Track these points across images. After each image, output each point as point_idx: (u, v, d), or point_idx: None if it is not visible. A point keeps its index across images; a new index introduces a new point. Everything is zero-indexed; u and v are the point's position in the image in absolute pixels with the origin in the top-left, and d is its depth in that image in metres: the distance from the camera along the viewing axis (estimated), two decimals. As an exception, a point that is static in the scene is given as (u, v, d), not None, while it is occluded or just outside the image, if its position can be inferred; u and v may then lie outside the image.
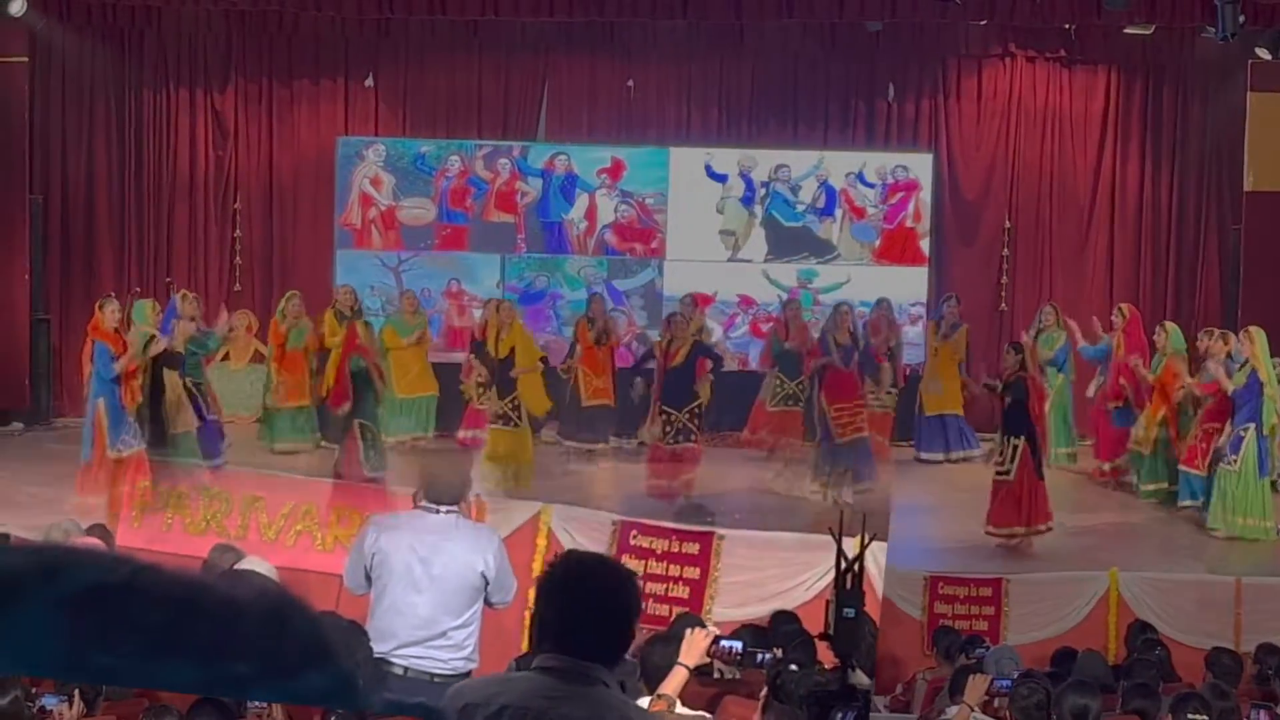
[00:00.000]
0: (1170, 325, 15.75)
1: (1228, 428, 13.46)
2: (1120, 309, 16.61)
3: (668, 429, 14.43)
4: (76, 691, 7.06)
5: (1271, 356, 15.85)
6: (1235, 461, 13.18)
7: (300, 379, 16.79)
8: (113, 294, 14.73)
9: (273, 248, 19.38)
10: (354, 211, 18.73)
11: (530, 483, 14.60)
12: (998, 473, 13.25)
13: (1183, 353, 14.98)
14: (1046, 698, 7.05)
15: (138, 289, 18.49)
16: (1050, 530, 13.24)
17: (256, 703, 7.25)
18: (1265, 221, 17.72)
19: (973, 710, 7.11)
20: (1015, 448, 13.11)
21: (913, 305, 18.58)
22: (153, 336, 13.57)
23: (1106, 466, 15.93)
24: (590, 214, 18.78)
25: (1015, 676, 7.62)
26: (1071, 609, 11.38)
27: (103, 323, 13.44)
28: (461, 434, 15.86)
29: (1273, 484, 14.49)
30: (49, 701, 7.05)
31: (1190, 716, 6.95)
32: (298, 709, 7.77)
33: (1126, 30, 18.15)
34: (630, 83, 19.19)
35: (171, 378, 13.79)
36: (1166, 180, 19.24)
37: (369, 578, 6.90)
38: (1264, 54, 18.05)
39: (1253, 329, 13.70)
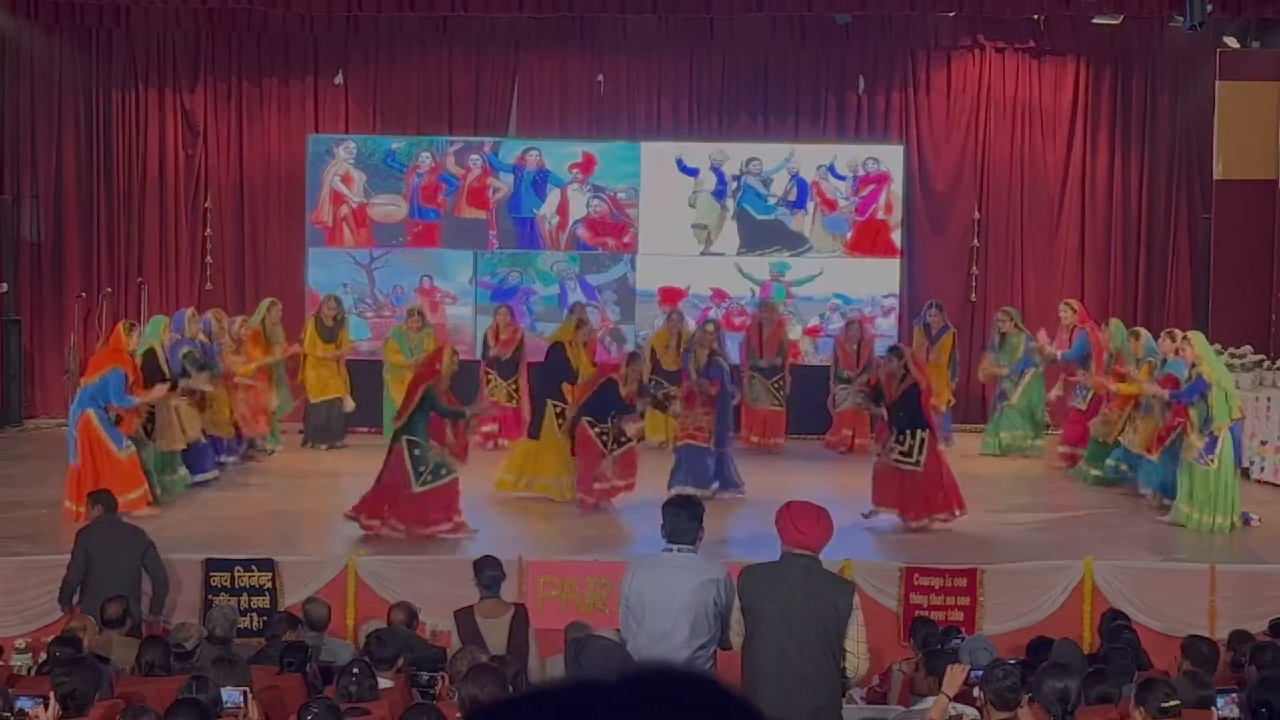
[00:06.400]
0: (1113, 322, 15.76)
1: (1196, 430, 13.16)
2: (1069, 304, 16.62)
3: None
4: (52, 694, 7.04)
5: (1240, 347, 15.96)
6: (1213, 461, 12.98)
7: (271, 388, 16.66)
8: (135, 321, 14.26)
9: (244, 246, 19.31)
10: (325, 209, 18.67)
11: (568, 492, 13.82)
12: (902, 460, 13.03)
13: (1126, 351, 14.91)
14: (1020, 682, 7.07)
15: (109, 289, 18.45)
16: (964, 515, 13.06)
17: (232, 701, 7.25)
18: (1234, 210, 17.82)
19: (950, 700, 7.13)
20: (921, 440, 12.91)
21: (885, 297, 18.63)
22: (161, 383, 13.21)
23: (1070, 450, 16.00)
24: (562, 209, 18.76)
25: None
26: (1047, 598, 11.40)
27: (126, 346, 12.92)
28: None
29: (1245, 471, 14.53)
30: (25, 704, 7.04)
31: (1163, 705, 6.97)
32: (274, 707, 7.77)
33: (1095, 20, 18.22)
34: (601, 77, 19.20)
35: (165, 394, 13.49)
36: (1136, 170, 19.33)
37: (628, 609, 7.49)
38: (1232, 43, 18.15)
39: (1190, 333, 13.62)
